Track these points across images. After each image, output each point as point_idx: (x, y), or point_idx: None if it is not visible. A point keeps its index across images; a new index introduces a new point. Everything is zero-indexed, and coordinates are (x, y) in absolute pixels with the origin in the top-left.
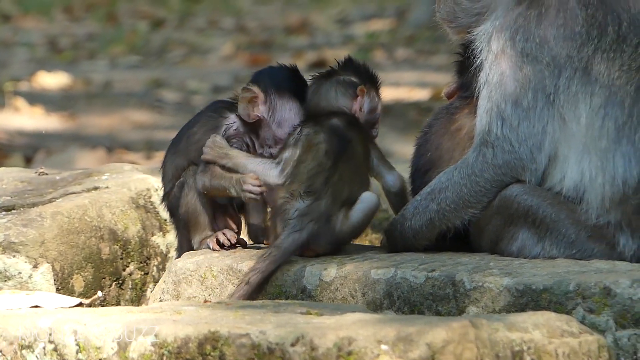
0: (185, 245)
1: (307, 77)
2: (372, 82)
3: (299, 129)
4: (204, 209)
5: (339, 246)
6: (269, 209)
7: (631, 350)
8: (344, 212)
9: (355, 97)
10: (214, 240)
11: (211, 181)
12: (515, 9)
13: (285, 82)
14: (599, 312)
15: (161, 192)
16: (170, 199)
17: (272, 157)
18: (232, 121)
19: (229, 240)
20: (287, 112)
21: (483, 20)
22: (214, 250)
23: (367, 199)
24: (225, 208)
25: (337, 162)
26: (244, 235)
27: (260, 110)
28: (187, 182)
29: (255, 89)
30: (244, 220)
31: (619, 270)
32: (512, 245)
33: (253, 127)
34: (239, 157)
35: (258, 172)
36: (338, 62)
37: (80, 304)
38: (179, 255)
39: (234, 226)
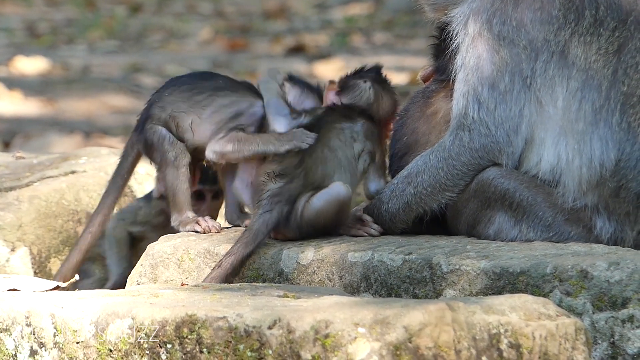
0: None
1: (284, 62)
2: None
3: (320, 111)
4: (183, 187)
5: (305, 232)
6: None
7: (608, 332)
8: (309, 195)
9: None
10: (196, 224)
11: (240, 147)
12: None
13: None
14: (576, 295)
15: (137, 176)
16: (150, 136)
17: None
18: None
19: (210, 228)
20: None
21: (460, 1)
22: (202, 232)
23: (334, 187)
24: (200, 194)
25: (313, 145)
26: (220, 218)
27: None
28: (168, 158)
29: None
30: (224, 203)
31: (596, 253)
32: (489, 228)
33: None
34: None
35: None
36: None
37: (57, 287)
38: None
39: (209, 212)
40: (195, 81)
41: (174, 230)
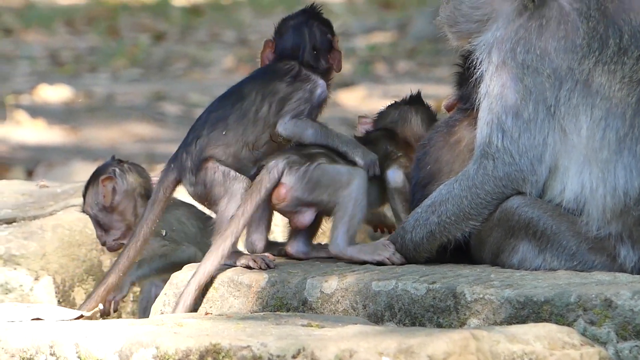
0: None
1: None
2: None
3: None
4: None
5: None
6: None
7: None
8: None
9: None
10: (251, 260)
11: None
12: (517, 20)
13: None
14: (600, 324)
15: None
16: (211, 175)
17: None
18: (321, 89)
19: (267, 264)
20: None
21: (484, 29)
22: (258, 269)
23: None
24: None
25: None
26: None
27: None
28: (234, 190)
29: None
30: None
31: (620, 282)
32: (513, 257)
33: None
34: None
35: None
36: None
37: (81, 316)
38: None
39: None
40: (230, 106)
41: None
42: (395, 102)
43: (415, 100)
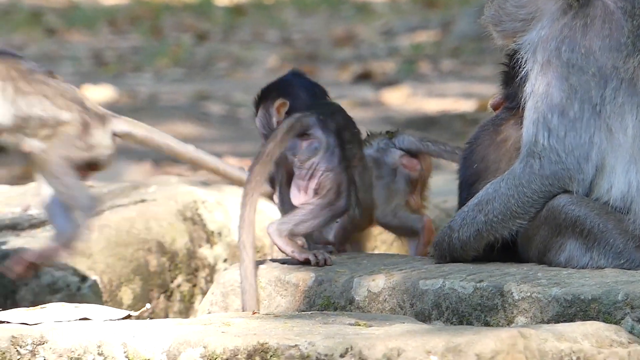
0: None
1: (352, 89)
2: None
3: None
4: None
5: None
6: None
7: None
8: None
9: None
10: (312, 255)
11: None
12: (561, 19)
13: None
14: None
15: (207, 205)
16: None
17: None
18: None
19: (326, 260)
20: None
21: (529, 28)
22: (316, 265)
23: None
24: None
25: None
26: None
27: None
28: (337, 202)
29: None
30: None
31: None
32: (560, 255)
33: None
34: None
35: None
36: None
37: (128, 316)
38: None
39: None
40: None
41: None
42: None
43: None
